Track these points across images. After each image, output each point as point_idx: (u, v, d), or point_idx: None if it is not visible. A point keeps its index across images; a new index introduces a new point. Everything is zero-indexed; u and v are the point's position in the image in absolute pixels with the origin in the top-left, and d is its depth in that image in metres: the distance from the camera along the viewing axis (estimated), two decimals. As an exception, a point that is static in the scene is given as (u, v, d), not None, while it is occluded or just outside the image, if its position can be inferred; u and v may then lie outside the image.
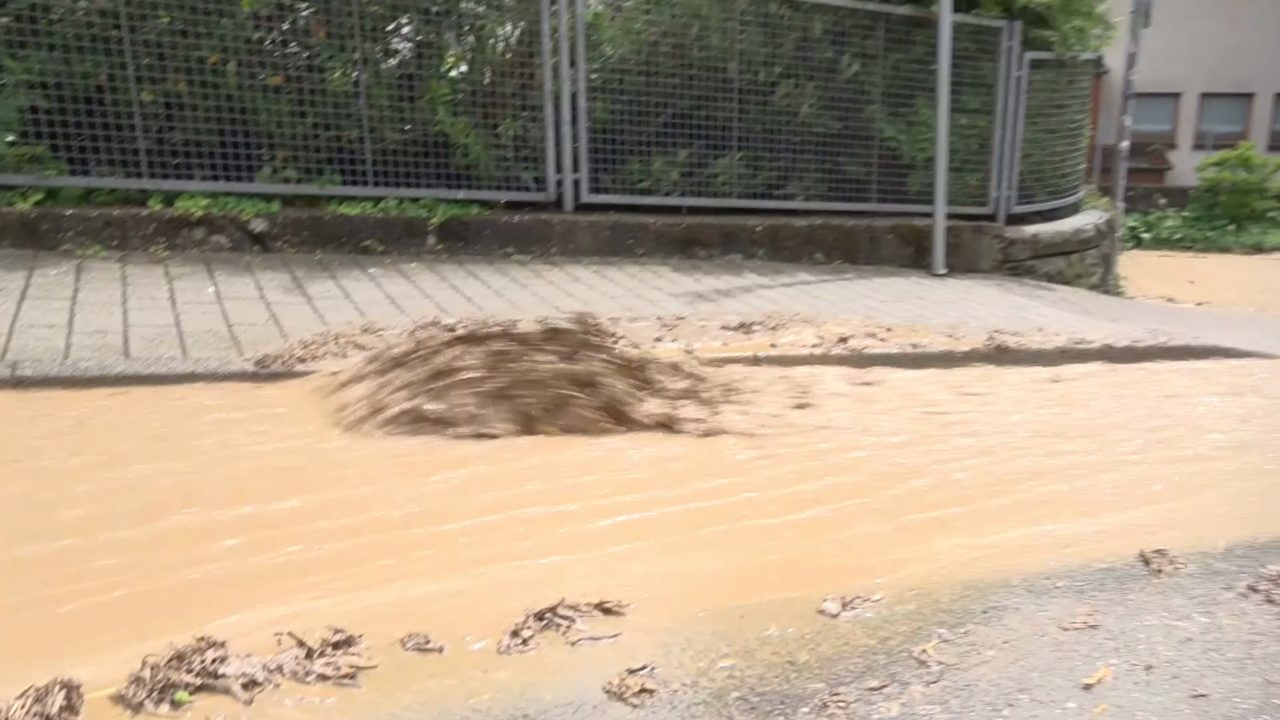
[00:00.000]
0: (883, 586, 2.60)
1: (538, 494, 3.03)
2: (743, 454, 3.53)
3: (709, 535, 2.85)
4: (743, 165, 7.32)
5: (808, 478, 3.34)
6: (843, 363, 4.80)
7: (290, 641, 2.06)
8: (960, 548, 2.88)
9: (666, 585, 2.52)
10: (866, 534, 2.94)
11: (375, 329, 4.49)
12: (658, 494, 3.10)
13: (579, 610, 2.33)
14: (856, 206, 7.77)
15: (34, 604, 2.18)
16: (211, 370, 3.78)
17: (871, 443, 3.75)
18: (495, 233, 6.44)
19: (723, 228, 7.10)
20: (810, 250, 7.38)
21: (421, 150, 6.35)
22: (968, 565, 2.78)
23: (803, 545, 2.83)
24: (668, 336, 4.85)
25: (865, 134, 7.70)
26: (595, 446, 3.48)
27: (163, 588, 2.29)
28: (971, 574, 2.72)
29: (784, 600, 2.50)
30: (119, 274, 5.04)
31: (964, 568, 2.76)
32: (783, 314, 5.56)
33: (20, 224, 5.32)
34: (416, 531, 2.68)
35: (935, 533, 2.98)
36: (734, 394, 4.07)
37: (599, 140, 6.85)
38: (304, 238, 5.95)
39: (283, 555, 2.49)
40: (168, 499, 2.76)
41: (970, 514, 3.14)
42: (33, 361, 3.65)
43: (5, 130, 5.38)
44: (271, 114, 5.95)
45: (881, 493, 3.26)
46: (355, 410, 3.48)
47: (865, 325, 5.49)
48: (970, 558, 2.82)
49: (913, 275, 7.36)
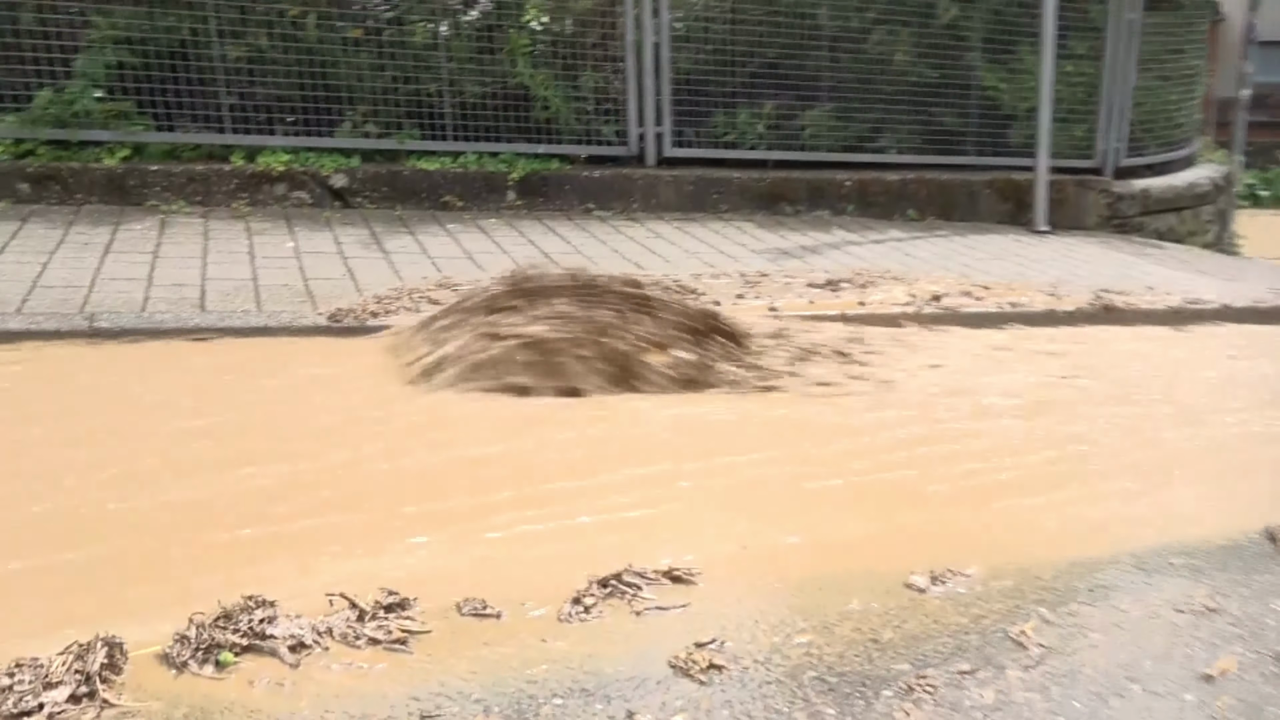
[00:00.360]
0: (977, 560, 2.41)
1: (610, 454, 2.90)
2: (828, 416, 3.34)
3: (791, 501, 2.68)
4: (832, 117, 7.03)
5: (897, 442, 3.14)
6: (936, 321, 4.55)
7: (342, 603, 1.97)
8: (1064, 519, 2.67)
9: (742, 553, 2.37)
10: (960, 502, 2.74)
11: (450, 284, 4.40)
12: (739, 457, 2.94)
13: (646, 578, 2.19)
14: (952, 160, 7.41)
15: (89, 558, 2.13)
16: (284, 324, 3.73)
17: (966, 406, 3.52)
18: (575, 188, 6.30)
19: (810, 182, 6.84)
20: (902, 206, 7.07)
21: (501, 104, 6.22)
22: (1072, 538, 2.56)
23: (891, 514, 2.64)
24: (750, 294, 4.66)
25: (963, 83, 7.31)
26: (673, 405, 3.33)
27: (220, 543, 2.22)
28: (1076, 548, 2.51)
29: (868, 572, 2.32)
30: (201, 229, 5.05)
31: (1068, 541, 2.54)
32: (872, 271, 5.32)
33: (108, 180, 5.37)
34: (480, 493, 2.58)
35: (1037, 502, 2.76)
36: (818, 353, 3.88)
37: (682, 92, 6.63)
38: (383, 193, 5.90)
39: (339, 512, 2.40)
40: (223, 453, 2.70)
41: (1078, 482, 2.91)
42: (110, 314, 3.64)
43: (93, 86, 5.42)
44: (351, 68, 5.89)
45: (977, 459, 3.05)
46: (424, 365, 3.39)
47: (960, 283, 5.21)
48: (1075, 530, 2.61)
49: (1011, 232, 6.99)
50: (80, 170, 5.32)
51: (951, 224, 7.08)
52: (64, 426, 2.81)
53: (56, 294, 3.82)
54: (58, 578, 2.05)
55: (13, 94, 5.29)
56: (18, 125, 5.27)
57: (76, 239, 4.65)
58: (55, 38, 5.33)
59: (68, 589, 2.01)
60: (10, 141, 5.28)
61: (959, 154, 7.42)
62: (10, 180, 5.19)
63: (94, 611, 1.90)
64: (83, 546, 2.17)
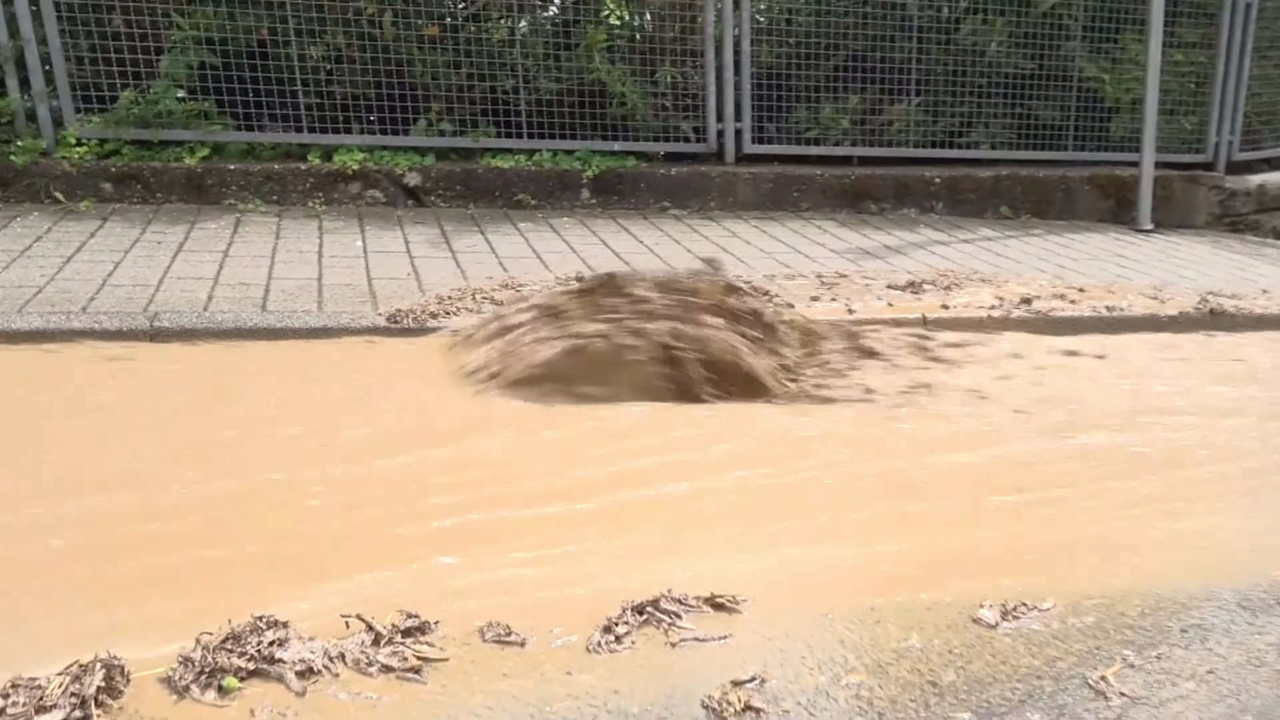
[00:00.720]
0: (1054, 592, 2.19)
1: (662, 466, 2.75)
2: (899, 427, 3.13)
3: (853, 521, 2.50)
4: (921, 111, 6.74)
5: (981, 458, 2.92)
6: (1024, 327, 4.28)
7: (359, 625, 1.86)
8: (1157, 547, 2.42)
9: (794, 577, 2.20)
10: (1045, 526, 2.51)
11: (515, 284, 4.30)
12: (799, 471, 2.77)
13: (686, 604, 2.04)
14: (1049, 155, 7.04)
15: (111, 566, 2.08)
16: (343, 324, 3.68)
17: (1058, 419, 3.27)
18: (651, 186, 6.16)
19: (896, 179, 6.57)
20: (994, 204, 6.74)
21: (577, 100, 6.11)
22: (1163, 570, 2.32)
23: (966, 536, 2.43)
24: (826, 295, 4.46)
25: (1062, 74, 6.94)
26: (741, 415, 3.17)
27: (242, 555, 2.15)
28: (1168, 581, 2.27)
29: (933, 603, 2.13)
30: (274, 228, 5.06)
31: (1158, 573, 2.30)
32: (958, 272, 5.05)
33: (187, 179, 5.43)
34: (520, 506, 2.46)
35: (1127, 528, 2.52)
36: (895, 359, 3.67)
37: (763, 87, 6.44)
38: (456, 191, 5.85)
39: (372, 524, 2.31)
40: (250, 461, 2.64)
41: (1178, 506, 2.66)
42: (172, 313, 3.64)
43: (175, 86, 5.49)
44: (427, 66, 5.85)
45: (1066, 477, 2.81)
46: (478, 369, 3.29)
47: (1053, 285, 4.91)
48: (1169, 560, 2.36)
49: (1112, 231, 6.61)
50: (161, 170, 5.39)
51: (1047, 223, 6.73)
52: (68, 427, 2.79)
53: (123, 293, 3.84)
54: (87, 589, 1.99)
55: (98, 95, 5.38)
56: (102, 126, 5.36)
57: (151, 238, 4.69)
58: (139, 39, 5.41)
59: (94, 602, 1.95)
60: (95, 142, 5.38)
61: (1056, 149, 7.06)
62: (94, 180, 5.28)
63: (106, 628, 1.83)
64: (106, 554, 2.11)
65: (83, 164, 5.26)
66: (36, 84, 5.24)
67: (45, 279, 3.94)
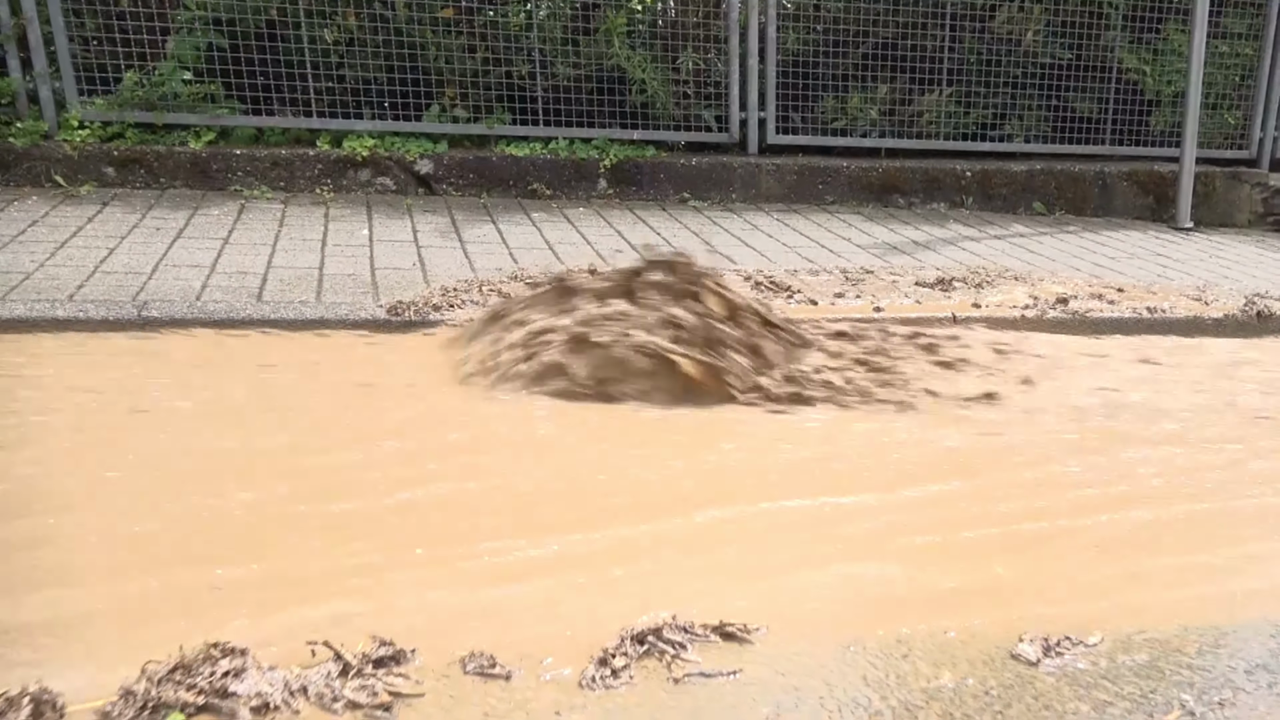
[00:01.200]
0: (1101, 625, 1.98)
1: (671, 475, 2.55)
2: (926, 436, 2.92)
3: (881, 541, 2.28)
4: (953, 102, 6.49)
5: (1023, 475, 2.71)
6: (1061, 328, 4.05)
7: (326, 653, 1.68)
8: (1219, 577, 2.20)
9: (814, 604, 1.99)
10: (1094, 551, 2.29)
11: (524, 277, 4.11)
12: (822, 483, 2.56)
13: (693, 633, 1.84)
14: (1086, 150, 6.78)
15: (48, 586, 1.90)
16: (340, 316, 3.50)
17: (1100, 430, 3.05)
18: (671, 176, 5.95)
19: (926, 172, 6.32)
20: (1027, 199, 6.49)
21: (595, 87, 5.91)
22: (1228, 602, 2.10)
23: (997, 562, 2.22)
24: (850, 292, 4.24)
25: (1101, 65, 6.67)
26: (760, 421, 2.96)
27: (192, 579, 1.96)
28: (1233, 615, 2.05)
29: (968, 635, 1.92)
30: (279, 215, 4.88)
31: (1221, 606, 2.08)
32: (990, 270, 4.82)
33: (192, 164, 5.27)
34: (512, 517, 2.26)
35: (1186, 556, 2.30)
36: (921, 361, 3.45)
37: (789, 75, 6.20)
38: (469, 180, 5.66)
39: (352, 537, 2.12)
40: (221, 466, 2.45)
41: (1240, 531, 2.43)
42: (162, 302, 3.47)
43: (182, 68, 5.33)
44: (441, 49, 5.67)
45: (1116, 498, 2.59)
46: (479, 366, 3.10)
47: (1090, 285, 4.67)
48: (1233, 592, 2.14)
49: (1150, 229, 6.34)
50: (166, 154, 5.23)
51: (1083, 219, 6.47)
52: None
53: (114, 280, 3.67)
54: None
55: (102, 76, 5.23)
56: (106, 108, 5.21)
57: (151, 224, 4.53)
58: (145, 19, 5.25)
59: (29, 625, 1.77)
60: (98, 125, 5.23)
61: (1093, 143, 6.79)
62: (97, 163, 5.13)
63: (41, 655, 1.65)
64: (54, 578, 1.94)
65: (85, 147, 5.11)
66: (39, 64, 5.08)
67: (35, 265, 3.78)
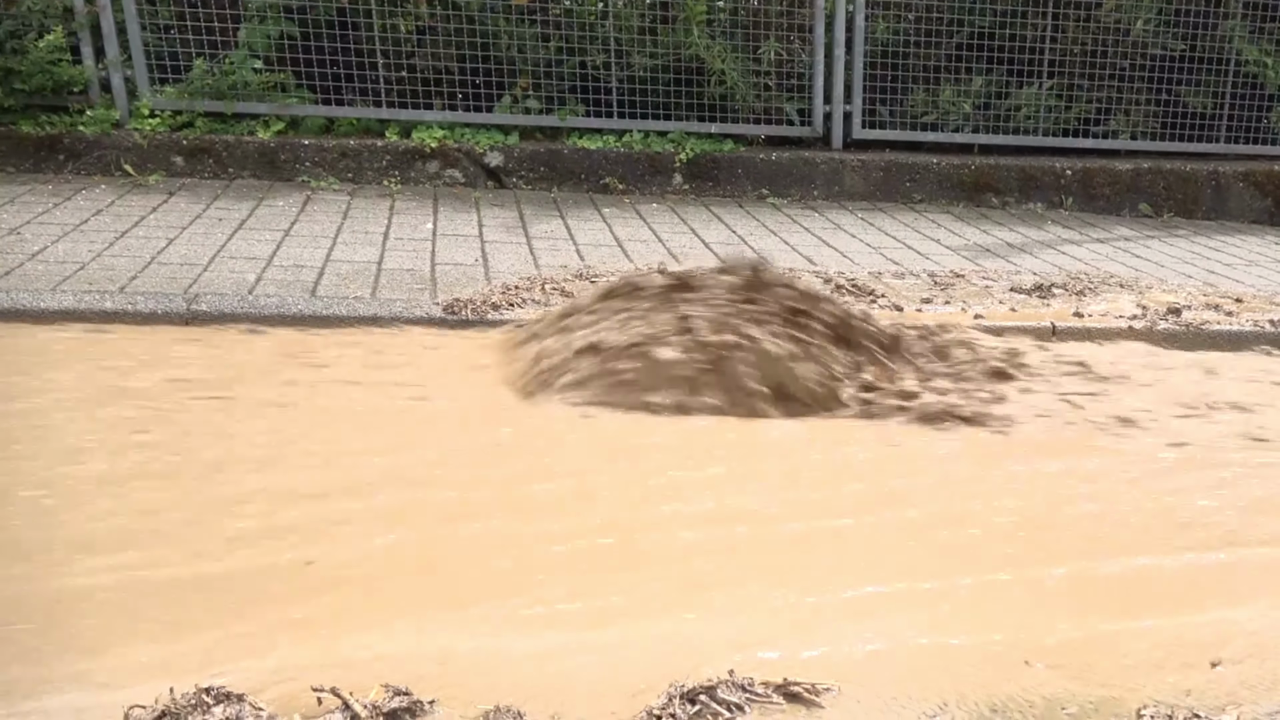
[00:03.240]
0: (1237, 696, 1.68)
1: (739, 503, 2.31)
2: (1030, 464, 2.62)
3: (968, 583, 2.02)
4: (1053, 96, 6.09)
5: (1144, 508, 2.41)
6: (1173, 342, 3.70)
7: (334, 702, 1.48)
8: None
9: (897, 659, 1.74)
10: (1216, 604, 1.99)
11: (590, 275, 3.91)
12: (898, 514, 2.29)
13: (753, 692, 1.60)
14: (1198, 148, 6.31)
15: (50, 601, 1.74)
16: (394, 314, 3.33)
17: (1234, 460, 2.72)
18: (749, 172, 5.69)
19: (1023, 170, 5.95)
20: (1133, 200, 6.06)
21: (672, 78, 5.67)
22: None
23: (1113, 614, 1.93)
24: (939, 298, 3.93)
25: (1217, 57, 6.20)
26: (830, 438, 2.70)
27: (201, 604, 1.78)
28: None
29: (1078, 701, 1.65)
30: (343, 207, 4.76)
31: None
32: (1092, 276, 4.46)
33: (259, 154, 5.18)
34: (547, 546, 2.04)
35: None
36: (1021, 376, 3.15)
37: (877, 66, 5.88)
38: (540, 173, 5.48)
39: (362, 575, 1.91)
40: (233, 477, 2.29)
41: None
42: (214, 296, 3.34)
43: (253, 57, 5.25)
44: (514, 39, 5.49)
45: (1251, 538, 2.27)
46: (536, 371, 2.89)
47: (1205, 294, 4.28)
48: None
49: (1269, 233, 5.87)
50: (234, 144, 5.16)
51: (1193, 222, 6.02)
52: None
53: (169, 272, 3.57)
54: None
55: (173, 65, 5.17)
56: (176, 97, 5.15)
57: (215, 214, 4.43)
58: (217, 5, 5.18)
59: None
60: (169, 114, 5.17)
61: (1207, 140, 6.32)
62: (166, 153, 5.07)
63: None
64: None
65: (155, 136, 5.06)
66: (111, 52, 5.04)
67: (92, 255, 3.70)
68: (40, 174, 4.88)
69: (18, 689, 1.48)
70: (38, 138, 4.90)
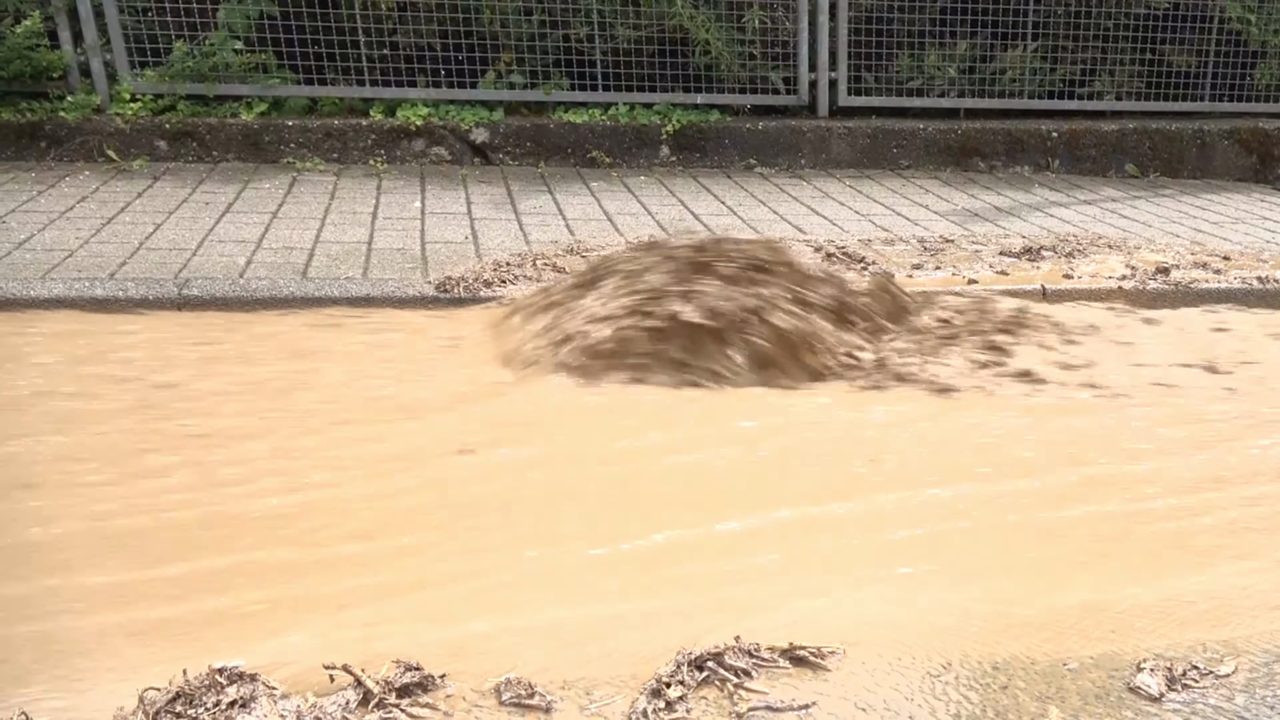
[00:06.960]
0: (1237, 651, 1.71)
1: (739, 470, 2.33)
2: (1035, 429, 2.65)
3: (992, 548, 2.04)
4: (1038, 58, 6.09)
5: (1141, 471, 2.43)
6: (1163, 301, 3.72)
7: (346, 679, 1.50)
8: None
9: (901, 623, 1.76)
10: (1216, 565, 2.02)
11: (581, 250, 3.90)
12: (902, 481, 2.31)
13: (759, 658, 1.62)
14: (1183, 107, 6.32)
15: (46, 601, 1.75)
16: (386, 294, 3.33)
17: (1230, 418, 2.75)
18: (736, 142, 5.67)
19: (1009, 134, 5.95)
20: (1119, 160, 6.08)
21: (656, 49, 5.64)
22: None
23: (1113, 576, 1.96)
24: (930, 263, 3.95)
25: (1201, 14, 6.20)
26: (843, 405, 2.72)
27: (211, 581, 1.80)
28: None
29: (1079, 662, 1.67)
30: (330, 188, 4.74)
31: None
32: (1081, 237, 4.48)
33: (243, 136, 5.15)
34: (560, 520, 2.06)
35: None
36: (1015, 338, 3.17)
37: (861, 32, 5.86)
38: (526, 148, 5.45)
39: (373, 548, 1.93)
40: (216, 466, 2.29)
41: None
42: (204, 280, 3.33)
43: (233, 38, 5.20)
44: (496, 12, 5.45)
45: (1251, 499, 2.30)
46: (526, 346, 2.90)
47: (1193, 253, 4.30)
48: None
49: (1255, 191, 5.90)
50: (218, 126, 5.12)
51: (1179, 182, 6.04)
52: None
53: (158, 257, 3.55)
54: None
55: (153, 48, 5.12)
56: (157, 80, 5.10)
57: (200, 198, 4.41)
58: (195, -13, 5.13)
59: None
60: (150, 97, 5.13)
61: (1192, 99, 6.33)
62: (149, 137, 5.03)
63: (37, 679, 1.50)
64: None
65: (137, 120, 5.01)
66: (89, 36, 4.98)
67: (79, 242, 3.68)
68: (22, 161, 4.84)
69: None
70: (18, 125, 4.85)
